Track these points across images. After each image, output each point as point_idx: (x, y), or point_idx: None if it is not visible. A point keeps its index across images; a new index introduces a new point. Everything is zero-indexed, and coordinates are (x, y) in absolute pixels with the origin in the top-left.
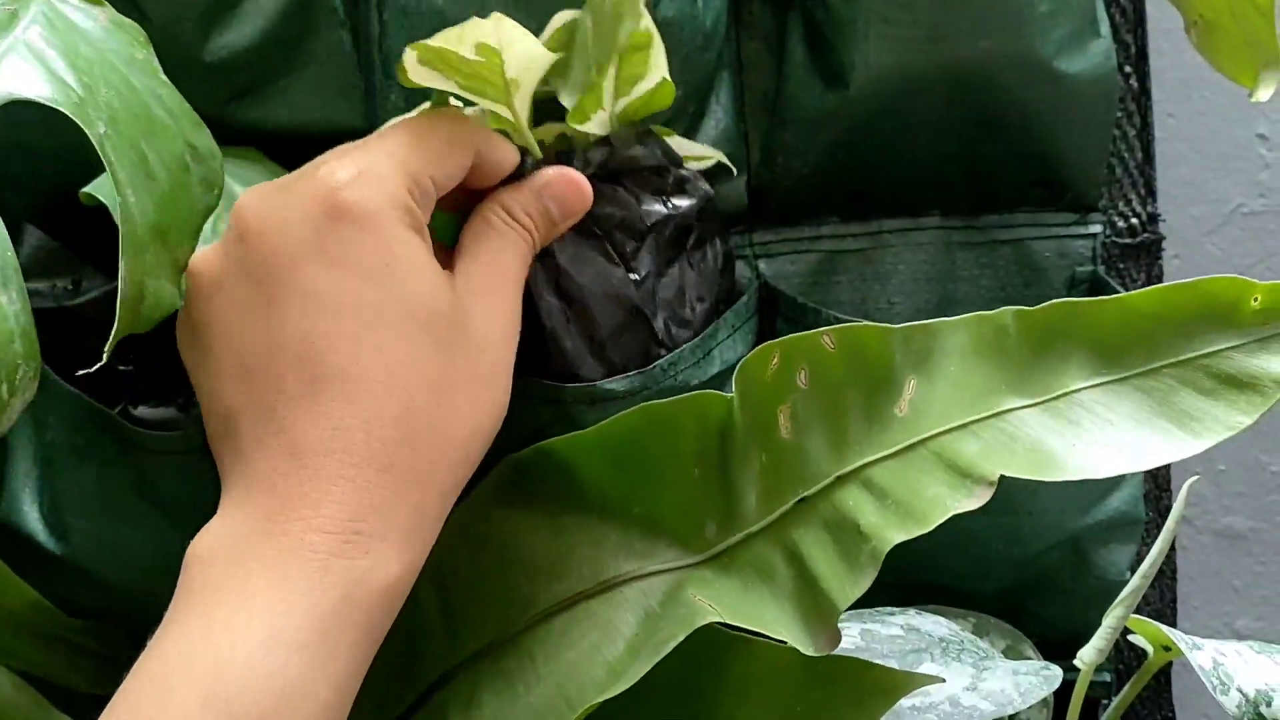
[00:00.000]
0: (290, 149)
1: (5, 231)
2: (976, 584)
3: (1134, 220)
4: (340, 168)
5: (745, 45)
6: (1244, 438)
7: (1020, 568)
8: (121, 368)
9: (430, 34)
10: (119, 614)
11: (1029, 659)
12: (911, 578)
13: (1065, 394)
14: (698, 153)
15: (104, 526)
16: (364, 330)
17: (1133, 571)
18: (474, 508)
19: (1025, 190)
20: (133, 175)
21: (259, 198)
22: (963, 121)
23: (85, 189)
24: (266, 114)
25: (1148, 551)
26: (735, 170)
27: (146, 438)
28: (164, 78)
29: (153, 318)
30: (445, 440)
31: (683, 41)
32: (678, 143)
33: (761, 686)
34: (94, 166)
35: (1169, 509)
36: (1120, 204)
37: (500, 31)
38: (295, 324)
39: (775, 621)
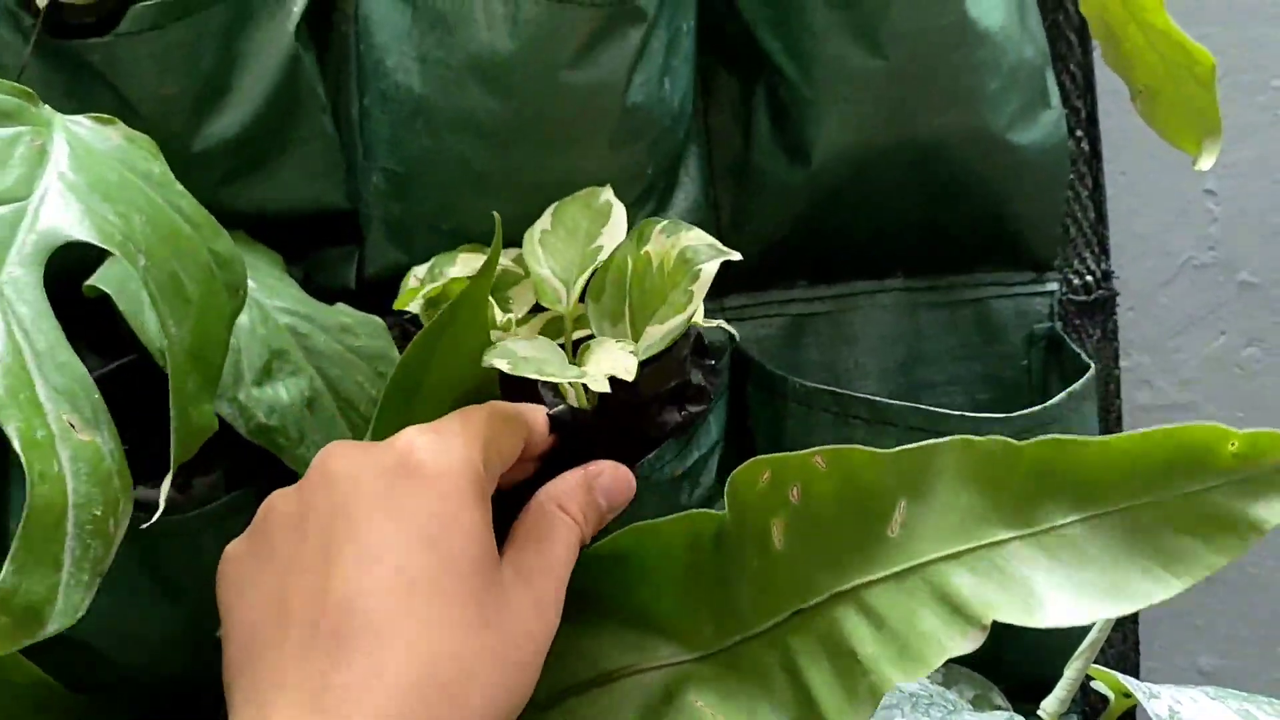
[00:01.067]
0: (278, 231)
1: (90, 378)
2: None
3: (1089, 278)
4: (419, 432)
5: (713, 118)
6: None
7: None
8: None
9: (407, 118)
10: (124, 691)
11: (999, 707)
12: None
13: (1051, 528)
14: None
15: (109, 604)
16: (406, 592)
17: None
18: None
19: (984, 252)
20: (172, 304)
21: (343, 450)
22: (922, 191)
23: (89, 281)
24: (255, 197)
25: None
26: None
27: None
28: (180, 187)
29: (198, 442)
30: (464, 713)
31: (652, 123)
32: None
33: None
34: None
35: None
36: (1075, 262)
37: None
38: (346, 575)
39: None
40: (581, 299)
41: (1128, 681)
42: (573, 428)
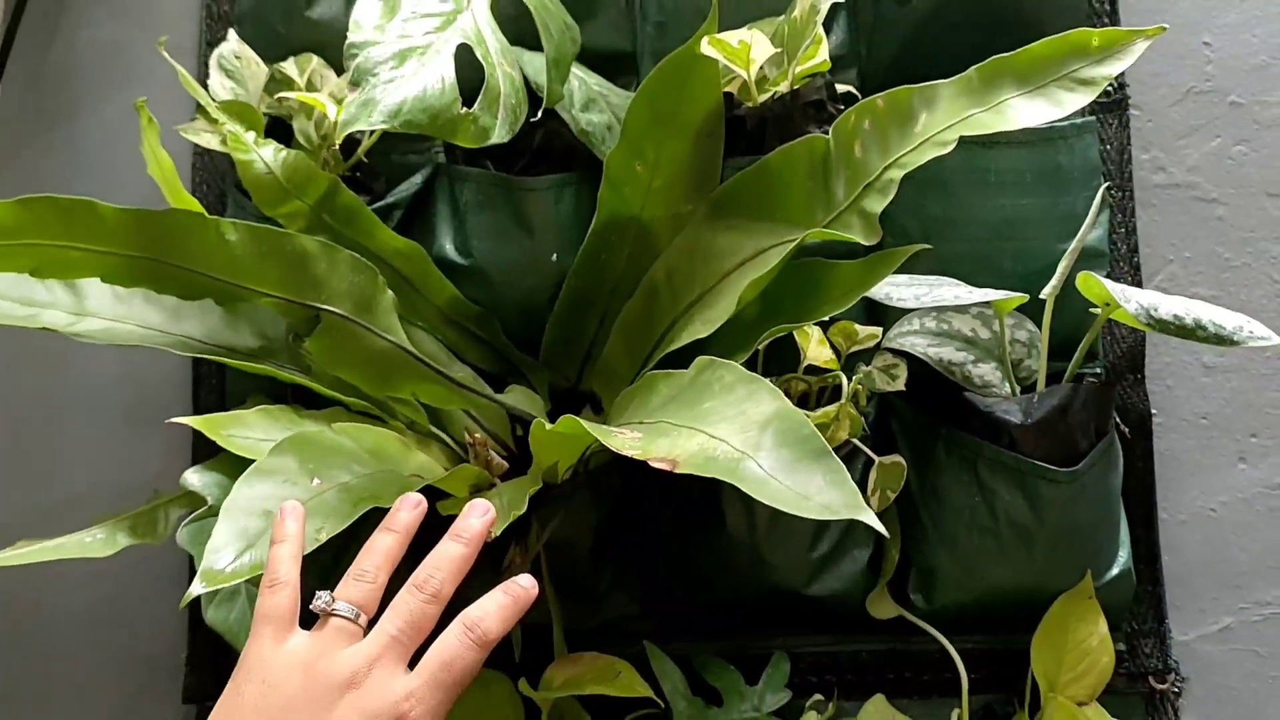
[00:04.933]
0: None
1: (513, 51)
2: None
3: (1109, 89)
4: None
5: None
6: (1204, 236)
7: (1025, 280)
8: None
9: (674, 8)
10: (495, 304)
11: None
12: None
13: (1001, 101)
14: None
15: (494, 246)
16: None
17: None
18: (688, 230)
19: None
20: (546, 34)
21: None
22: (981, 21)
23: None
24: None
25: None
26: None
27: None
28: None
29: (555, 101)
30: None
31: None
32: None
33: (839, 281)
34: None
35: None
36: None
37: (753, 38)
38: None
39: (851, 237)
40: None
41: (1107, 285)
42: (753, 122)
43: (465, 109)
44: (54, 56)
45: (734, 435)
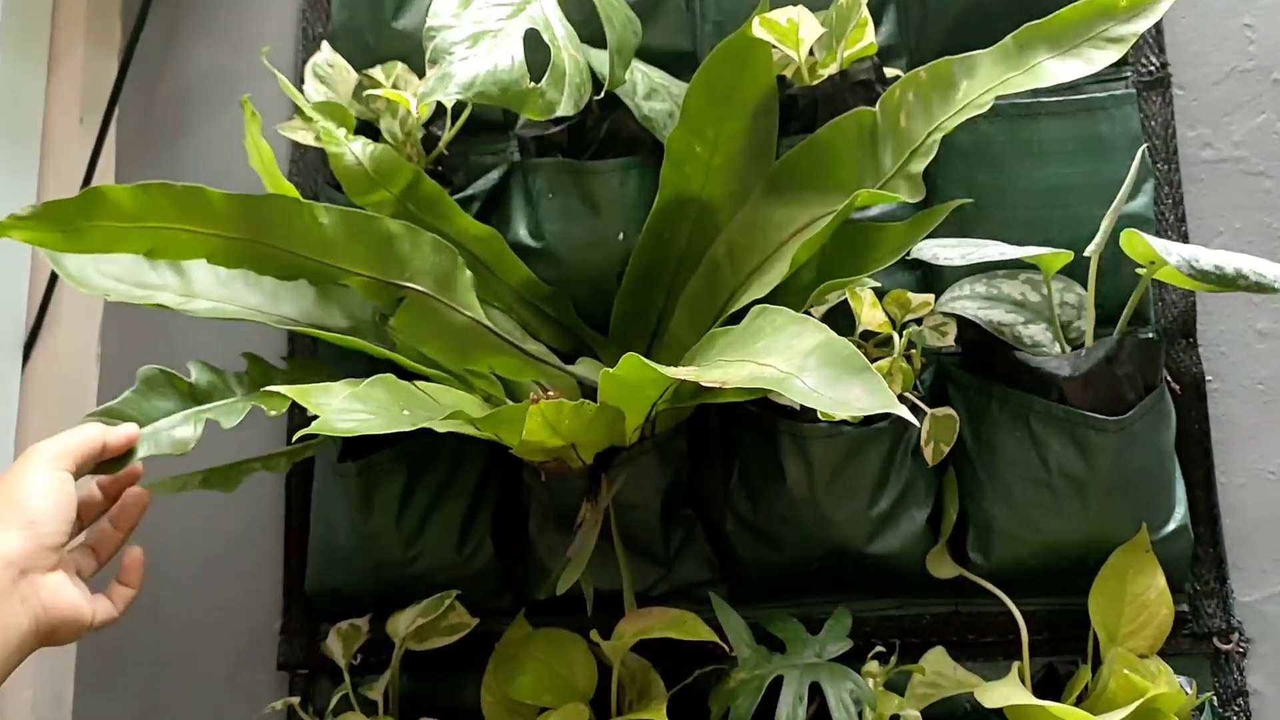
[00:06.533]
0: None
1: (564, 19)
2: None
3: (1151, 68)
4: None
5: None
6: (1253, 207)
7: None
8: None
9: (730, 8)
10: (566, 282)
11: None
12: None
13: (1036, 64)
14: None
15: (564, 227)
16: None
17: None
18: (747, 207)
19: None
20: (609, 27)
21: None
22: (1020, 9)
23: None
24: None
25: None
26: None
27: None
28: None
29: (617, 85)
30: None
31: None
32: None
33: (887, 239)
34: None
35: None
36: (1142, 60)
37: (800, 15)
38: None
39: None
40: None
41: (1151, 241)
42: (805, 102)
43: (533, 84)
44: (166, 78)
45: (782, 362)
